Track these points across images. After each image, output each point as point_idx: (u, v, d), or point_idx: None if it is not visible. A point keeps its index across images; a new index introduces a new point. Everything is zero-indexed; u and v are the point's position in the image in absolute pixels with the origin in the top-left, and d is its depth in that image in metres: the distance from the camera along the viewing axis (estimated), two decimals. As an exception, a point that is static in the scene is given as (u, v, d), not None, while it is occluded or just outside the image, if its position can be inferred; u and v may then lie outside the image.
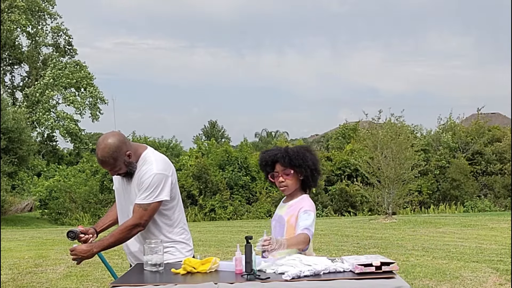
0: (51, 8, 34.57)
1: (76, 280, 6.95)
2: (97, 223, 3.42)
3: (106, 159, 3.01)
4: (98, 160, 3.08)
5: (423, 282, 6.47)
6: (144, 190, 3.04)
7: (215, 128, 42.15)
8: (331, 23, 70.18)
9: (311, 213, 2.98)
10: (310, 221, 2.94)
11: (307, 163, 3.06)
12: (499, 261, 7.81)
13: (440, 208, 21.95)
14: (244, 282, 2.42)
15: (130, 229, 3.04)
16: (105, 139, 3.03)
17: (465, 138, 24.26)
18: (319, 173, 3.15)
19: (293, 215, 3.01)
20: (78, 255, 3.01)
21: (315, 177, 3.12)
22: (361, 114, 20.27)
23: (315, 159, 3.12)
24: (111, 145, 3.01)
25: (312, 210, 3.02)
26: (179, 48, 62.55)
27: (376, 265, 2.44)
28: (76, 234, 3.16)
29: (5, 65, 34.65)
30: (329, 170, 23.30)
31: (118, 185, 3.29)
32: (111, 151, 3.01)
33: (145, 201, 3.03)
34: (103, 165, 3.06)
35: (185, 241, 3.26)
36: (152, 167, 3.08)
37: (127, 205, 3.20)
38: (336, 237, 11.46)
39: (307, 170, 3.06)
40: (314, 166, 3.09)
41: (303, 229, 2.90)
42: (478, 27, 67.89)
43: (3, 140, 19.54)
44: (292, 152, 3.08)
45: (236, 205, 21.59)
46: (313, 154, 3.14)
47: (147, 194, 3.04)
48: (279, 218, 3.10)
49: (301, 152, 3.09)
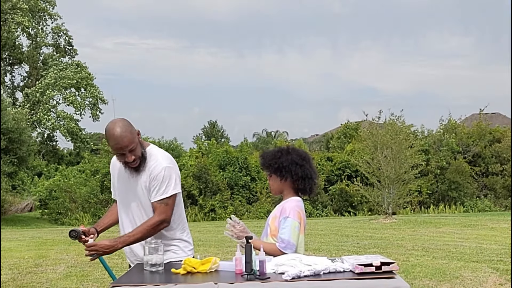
0: (52, 9, 34.60)
1: (76, 280, 6.95)
2: (97, 223, 3.40)
3: (124, 133, 2.96)
4: (115, 139, 2.96)
5: (423, 282, 6.47)
6: (159, 185, 3.03)
7: (215, 128, 42.12)
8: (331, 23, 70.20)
9: (288, 220, 2.92)
10: (286, 230, 2.89)
11: (282, 167, 3.00)
12: (499, 261, 7.81)
13: (440, 208, 21.95)
14: (244, 282, 2.42)
15: (156, 226, 3.03)
16: (114, 120, 3.03)
17: (466, 140, 24.27)
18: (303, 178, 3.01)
19: (276, 217, 3.01)
20: (99, 250, 2.99)
21: (298, 182, 3.02)
22: (361, 114, 20.25)
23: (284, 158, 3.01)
24: (124, 121, 3.03)
25: (292, 215, 2.94)
26: (179, 48, 62.58)
27: (376, 265, 2.44)
28: (78, 234, 3.14)
29: (5, 65, 34.65)
30: (329, 170, 23.30)
31: (119, 182, 3.26)
32: (126, 125, 3.00)
33: (163, 196, 3.03)
34: (122, 142, 2.96)
35: (187, 240, 3.25)
36: (160, 162, 3.08)
37: (130, 202, 3.17)
38: (336, 237, 11.45)
39: (284, 174, 3.00)
40: (294, 172, 2.99)
41: (278, 241, 2.90)
42: (478, 27, 67.95)
43: (3, 141, 19.53)
44: (267, 155, 3.07)
45: (237, 205, 21.59)
46: (286, 154, 3.04)
47: (164, 188, 3.03)
48: (267, 220, 3.12)
49: (270, 154, 3.05)
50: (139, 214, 3.16)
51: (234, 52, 68.87)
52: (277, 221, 2.98)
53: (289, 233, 2.89)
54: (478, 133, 24.48)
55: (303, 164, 3.04)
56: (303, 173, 3.03)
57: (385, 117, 18.13)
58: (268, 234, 3.04)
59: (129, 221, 3.22)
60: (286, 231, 2.89)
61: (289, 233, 2.89)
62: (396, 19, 68.76)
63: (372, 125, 17.93)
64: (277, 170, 3.03)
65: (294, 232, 2.90)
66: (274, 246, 2.89)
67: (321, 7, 65.26)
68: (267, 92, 69.15)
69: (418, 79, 64.24)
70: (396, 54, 65.09)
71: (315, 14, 64.88)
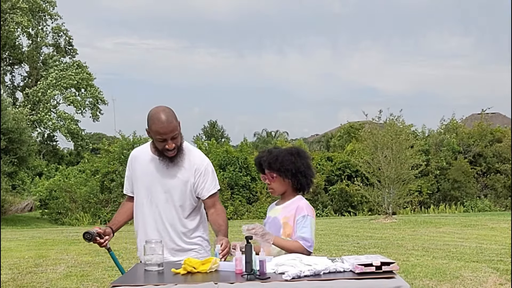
0: (52, 9, 34.61)
1: (76, 280, 6.94)
2: (111, 221, 3.31)
3: (171, 118, 2.95)
4: (162, 123, 2.92)
5: (423, 282, 6.47)
6: (210, 179, 3.09)
7: (215, 128, 42.10)
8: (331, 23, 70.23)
9: (308, 218, 2.92)
10: (307, 228, 2.89)
11: (286, 167, 2.99)
12: (499, 261, 7.80)
13: (440, 208, 21.95)
14: (244, 282, 2.42)
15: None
16: (160, 106, 3.02)
17: (467, 140, 24.28)
18: (305, 175, 3.03)
19: (289, 217, 2.97)
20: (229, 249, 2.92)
21: (301, 181, 3.03)
22: (361, 114, 20.22)
23: (298, 162, 3.02)
24: (170, 109, 3.02)
25: (310, 213, 2.96)
26: (179, 48, 62.62)
27: (376, 265, 2.44)
28: (93, 236, 3.09)
29: (5, 65, 34.66)
30: (329, 170, 23.29)
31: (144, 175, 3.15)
32: (172, 112, 2.99)
33: (216, 189, 3.14)
34: (168, 127, 2.93)
35: (208, 239, 3.25)
36: (202, 157, 3.13)
37: (157, 197, 3.10)
38: (336, 237, 11.45)
39: (288, 174, 2.99)
40: (296, 169, 3.00)
41: (299, 238, 2.88)
42: (478, 27, 67.95)
43: (3, 141, 19.53)
44: (272, 156, 3.03)
45: (237, 205, 21.59)
46: (297, 157, 3.03)
47: (215, 183, 3.12)
48: (273, 220, 3.05)
49: (281, 156, 3.02)
50: (167, 209, 3.10)
51: (234, 52, 68.96)
52: (292, 220, 2.95)
53: (310, 231, 2.89)
54: (479, 133, 24.50)
55: (305, 163, 3.05)
56: (306, 172, 3.05)
57: (385, 117, 18.14)
58: (280, 234, 2.98)
59: (152, 217, 3.13)
60: (308, 230, 2.89)
61: (310, 231, 2.89)
62: (396, 19, 68.83)
63: (372, 125, 17.94)
64: (287, 172, 3.00)
65: (313, 230, 2.93)
66: (299, 244, 2.86)
67: (321, 7, 65.33)
68: (267, 92, 69.22)
69: (418, 79, 64.31)
70: (396, 54, 65.18)
71: (315, 14, 64.94)
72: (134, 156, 3.25)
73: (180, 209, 3.10)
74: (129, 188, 3.29)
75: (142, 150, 3.25)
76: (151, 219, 3.13)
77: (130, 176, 3.26)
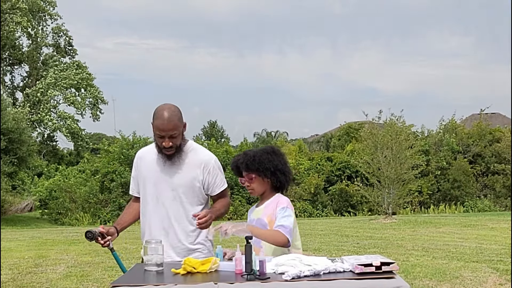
0: (52, 9, 34.61)
1: (76, 280, 6.94)
2: (117, 221, 3.30)
3: (173, 117, 2.99)
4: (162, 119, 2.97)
5: (423, 282, 6.47)
6: (218, 176, 3.15)
7: (215, 128, 42.11)
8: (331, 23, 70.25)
9: (287, 209, 2.94)
10: (287, 218, 2.89)
11: (264, 166, 3.01)
12: (499, 261, 7.80)
13: (440, 208, 21.95)
14: (244, 282, 2.42)
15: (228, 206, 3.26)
16: (168, 103, 3.06)
17: (467, 140, 24.28)
18: (283, 173, 3.05)
19: (272, 213, 2.99)
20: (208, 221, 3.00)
21: (280, 178, 3.05)
22: (361, 114, 20.23)
23: (276, 160, 3.04)
24: (177, 108, 3.06)
25: (289, 206, 2.97)
26: (179, 48, 62.66)
27: (376, 265, 2.44)
28: (94, 235, 3.07)
29: (5, 65, 34.66)
30: (329, 170, 23.29)
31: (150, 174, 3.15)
32: (178, 111, 3.04)
33: (225, 185, 3.22)
34: (168, 125, 2.97)
35: (211, 239, 3.24)
36: (209, 154, 3.20)
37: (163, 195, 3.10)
38: (336, 237, 11.45)
39: (267, 172, 3.02)
40: (274, 167, 3.02)
41: (278, 227, 2.87)
42: (478, 27, 68.01)
43: (3, 141, 19.52)
44: (248, 157, 3.05)
45: (237, 205, 21.59)
46: (274, 155, 3.06)
47: (223, 179, 3.19)
48: (258, 222, 3.04)
49: (258, 156, 3.04)
50: (174, 207, 3.10)
51: (234, 52, 69.01)
52: (274, 215, 2.96)
53: (290, 221, 2.89)
54: (478, 133, 24.51)
55: (282, 160, 3.09)
56: (284, 169, 3.07)
57: (385, 117, 18.14)
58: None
59: (158, 215, 3.13)
60: (288, 220, 2.89)
61: (290, 222, 2.89)
62: (396, 19, 68.87)
63: (372, 125, 17.94)
64: (266, 171, 3.02)
65: (293, 223, 2.91)
66: (277, 231, 2.84)
67: (321, 7, 65.37)
68: (267, 92, 69.26)
69: (418, 79, 64.36)
70: (396, 54, 65.27)
71: (315, 14, 64.98)
72: (140, 157, 3.26)
73: (188, 207, 3.11)
74: (135, 189, 3.28)
75: (148, 150, 3.25)
76: (157, 217, 3.13)
77: (136, 177, 3.26)
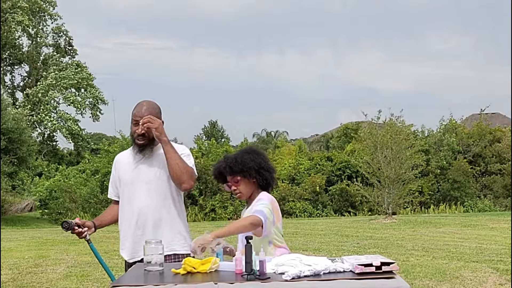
0: (52, 9, 34.61)
1: (76, 280, 6.95)
2: (97, 218, 3.41)
3: (150, 108, 3.13)
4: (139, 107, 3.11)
5: (423, 282, 6.47)
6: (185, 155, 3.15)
7: (215, 128, 42.11)
8: (331, 23, 70.27)
9: (264, 201, 2.94)
10: (262, 205, 2.88)
11: (248, 166, 3.01)
12: (499, 261, 7.81)
13: (440, 208, 21.95)
14: (244, 282, 2.42)
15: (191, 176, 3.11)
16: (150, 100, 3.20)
17: (467, 140, 24.29)
18: (267, 170, 3.06)
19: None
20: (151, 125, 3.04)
21: (265, 175, 3.05)
22: (361, 114, 20.24)
23: (258, 158, 3.05)
24: (156, 104, 3.20)
25: (267, 199, 2.97)
26: (179, 48, 62.70)
27: (376, 265, 2.44)
28: (71, 226, 3.17)
29: (5, 65, 34.65)
30: (329, 170, 23.28)
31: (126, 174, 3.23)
32: (156, 107, 3.18)
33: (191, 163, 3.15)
34: (144, 113, 3.08)
35: (189, 237, 3.25)
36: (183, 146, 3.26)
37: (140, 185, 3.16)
38: (336, 237, 11.46)
39: (252, 171, 3.02)
40: (258, 165, 3.03)
41: (252, 212, 2.87)
42: (478, 27, 68.03)
43: (3, 141, 19.53)
44: (230, 160, 3.05)
45: (237, 205, 21.59)
46: (255, 154, 3.07)
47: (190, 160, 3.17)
48: None
49: (239, 157, 3.04)
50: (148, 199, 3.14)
51: (234, 52, 69.04)
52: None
53: (263, 207, 2.87)
54: (478, 133, 24.51)
55: (263, 158, 3.10)
56: (267, 166, 3.08)
57: (385, 117, 18.15)
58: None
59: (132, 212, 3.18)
60: (261, 206, 2.88)
61: (264, 207, 2.87)
62: (396, 19, 68.87)
63: (372, 125, 17.94)
64: (250, 170, 3.02)
65: (268, 211, 2.88)
66: (252, 216, 2.80)
67: (321, 7, 65.39)
68: (267, 92, 69.30)
69: (418, 79, 64.38)
70: (396, 54, 65.29)
71: (315, 14, 65.00)
72: (117, 160, 3.38)
73: (162, 198, 3.15)
74: (113, 192, 3.40)
75: (124, 153, 3.38)
76: (133, 212, 3.18)
77: (114, 180, 3.37)
